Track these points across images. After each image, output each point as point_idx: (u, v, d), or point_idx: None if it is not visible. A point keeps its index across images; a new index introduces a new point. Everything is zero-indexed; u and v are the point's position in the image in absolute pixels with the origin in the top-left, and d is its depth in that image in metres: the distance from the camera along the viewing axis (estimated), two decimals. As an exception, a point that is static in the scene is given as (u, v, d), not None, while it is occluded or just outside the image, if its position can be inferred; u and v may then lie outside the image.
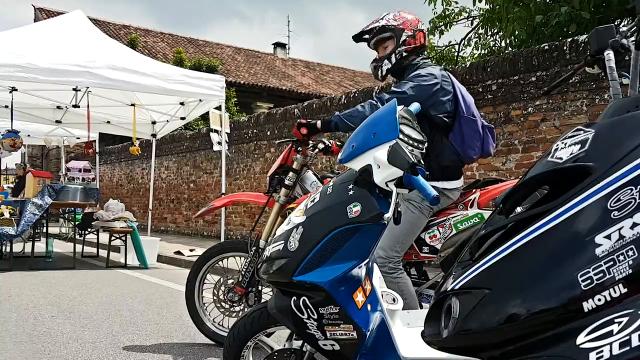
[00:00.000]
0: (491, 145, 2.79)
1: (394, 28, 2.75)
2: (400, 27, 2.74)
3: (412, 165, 1.47)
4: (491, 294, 1.09)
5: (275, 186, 3.11)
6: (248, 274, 3.14)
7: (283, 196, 3.03)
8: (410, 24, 2.76)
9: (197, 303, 3.38)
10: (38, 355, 3.05)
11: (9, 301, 4.60)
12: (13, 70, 5.97)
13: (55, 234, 10.64)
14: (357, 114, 2.59)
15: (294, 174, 3.01)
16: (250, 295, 3.17)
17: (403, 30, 2.75)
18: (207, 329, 3.37)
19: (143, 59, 7.60)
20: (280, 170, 3.09)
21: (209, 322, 3.39)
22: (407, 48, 2.75)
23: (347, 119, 2.61)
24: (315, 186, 3.03)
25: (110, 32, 18.83)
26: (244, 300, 3.19)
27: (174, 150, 12.62)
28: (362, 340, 1.62)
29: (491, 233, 1.18)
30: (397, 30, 2.74)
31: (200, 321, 3.38)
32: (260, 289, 3.24)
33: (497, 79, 5.80)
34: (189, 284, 3.40)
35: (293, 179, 3.02)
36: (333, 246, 1.62)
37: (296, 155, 3.00)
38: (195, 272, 3.39)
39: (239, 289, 3.16)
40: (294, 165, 3.01)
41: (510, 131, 5.70)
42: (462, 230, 2.64)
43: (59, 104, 8.45)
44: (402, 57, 2.76)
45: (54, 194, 6.84)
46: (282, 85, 21.37)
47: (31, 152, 21.23)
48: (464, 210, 2.66)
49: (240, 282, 3.16)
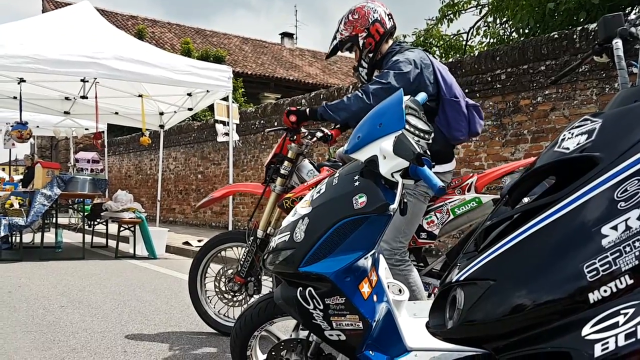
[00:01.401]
0: (478, 125, 2.74)
1: (349, 37, 2.77)
2: (354, 34, 2.76)
3: (418, 156, 1.47)
4: (496, 285, 1.08)
5: (271, 176, 3.10)
6: (247, 264, 3.16)
7: (279, 185, 3.03)
8: (360, 23, 2.75)
9: (200, 294, 3.41)
10: (47, 344, 3.09)
11: (18, 291, 4.65)
12: (21, 62, 5.99)
13: (65, 224, 10.73)
14: (343, 106, 2.59)
15: (289, 163, 3.01)
16: (249, 284, 3.21)
17: (357, 35, 2.76)
18: (210, 320, 3.40)
19: (150, 50, 7.60)
20: (275, 160, 3.08)
21: (211, 312, 3.42)
22: (370, 48, 2.76)
23: (332, 110, 2.62)
24: (312, 175, 3.02)
25: (117, 23, 18.85)
26: (244, 290, 3.23)
27: (182, 141, 12.65)
28: (368, 330, 1.62)
29: (497, 224, 1.17)
30: (352, 38, 2.77)
31: (204, 311, 3.41)
32: (260, 278, 3.27)
33: (506, 68, 5.75)
34: (191, 275, 3.42)
35: (288, 168, 3.01)
36: (339, 237, 1.62)
37: (291, 144, 2.99)
38: (196, 264, 3.41)
39: (238, 278, 3.19)
40: (289, 155, 3.01)
41: (519, 121, 5.66)
42: (460, 214, 2.65)
43: (67, 95, 8.48)
44: (372, 57, 2.78)
45: (63, 184, 6.88)
46: (290, 75, 21.32)
47: (40, 143, 21.36)
48: (461, 194, 2.67)
49: (239, 272, 3.18)
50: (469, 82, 6.09)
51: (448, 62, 6.49)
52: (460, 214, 2.64)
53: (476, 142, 6.05)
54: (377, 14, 2.76)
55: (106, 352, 2.95)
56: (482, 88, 5.98)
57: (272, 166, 3.10)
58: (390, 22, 2.80)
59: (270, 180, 3.11)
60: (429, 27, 11.26)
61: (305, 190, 2.92)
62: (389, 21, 2.79)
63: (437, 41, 11.28)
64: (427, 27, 11.29)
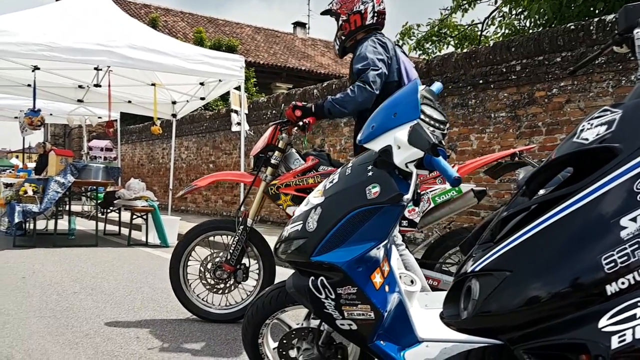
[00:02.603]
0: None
1: (334, 12, 2.98)
2: (338, 12, 2.96)
3: (433, 146, 1.45)
4: (512, 276, 1.08)
5: (261, 165, 3.19)
6: (236, 252, 3.22)
7: (269, 175, 3.14)
8: (346, 7, 2.94)
9: (182, 279, 3.40)
10: (61, 330, 3.13)
11: (32, 277, 4.71)
12: (35, 49, 6.03)
13: (78, 212, 10.84)
14: (349, 99, 2.72)
15: (280, 153, 3.13)
16: (238, 272, 3.27)
17: (340, 15, 2.96)
18: (191, 305, 3.41)
19: (163, 39, 7.60)
20: (265, 150, 3.17)
21: (192, 297, 3.43)
22: (344, 32, 2.97)
23: (339, 104, 2.75)
24: (299, 164, 3.14)
25: (131, 12, 18.88)
26: (232, 277, 3.29)
27: (194, 131, 12.68)
28: (380, 320, 1.62)
29: (514, 215, 1.16)
30: (335, 14, 2.98)
31: (184, 296, 3.41)
32: (248, 267, 3.33)
33: (522, 59, 5.68)
34: (174, 260, 3.39)
35: (279, 157, 3.13)
36: (351, 227, 1.62)
37: (282, 135, 3.11)
38: (180, 250, 3.40)
39: (227, 266, 3.24)
40: (280, 145, 3.12)
41: (534, 113, 5.60)
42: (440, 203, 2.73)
43: (80, 83, 8.51)
44: (343, 40, 2.99)
45: (77, 172, 6.94)
46: (302, 65, 21.25)
47: (53, 131, 21.53)
48: (442, 184, 2.73)
49: (229, 260, 3.23)
50: (484, 72, 6.03)
51: (462, 52, 6.43)
52: (441, 203, 2.73)
53: (490, 133, 6.00)
54: (363, 6, 2.93)
55: (119, 338, 2.99)
56: (496, 79, 5.92)
57: (262, 156, 3.19)
58: (373, 20, 2.94)
59: (259, 169, 3.20)
60: (443, 17, 11.16)
61: (291, 178, 3.06)
62: (372, 18, 2.94)
63: (451, 31, 11.18)
64: (441, 17, 11.20)
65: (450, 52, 6.71)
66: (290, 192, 3.05)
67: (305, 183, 3.02)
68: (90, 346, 2.83)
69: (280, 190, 3.07)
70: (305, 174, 3.06)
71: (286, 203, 3.06)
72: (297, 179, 3.05)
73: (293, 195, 3.04)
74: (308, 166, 3.10)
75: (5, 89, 8.46)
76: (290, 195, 3.05)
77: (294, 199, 3.02)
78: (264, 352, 2.10)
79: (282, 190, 3.06)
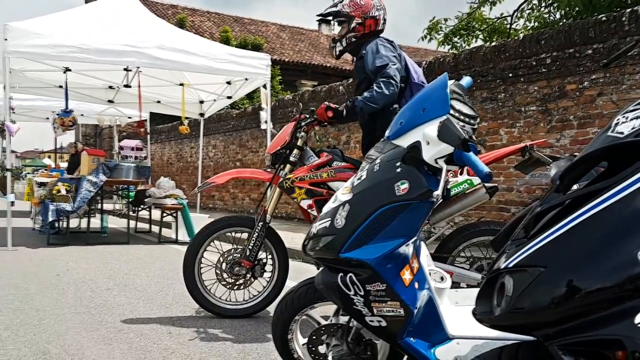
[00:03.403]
0: None
1: (347, 14, 3.11)
2: (352, 15, 3.09)
3: (464, 141, 1.44)
4: (546, 272, 1.06)
5: (279, 163, 3.27)
6: (255, 248, 3.27)
7: (288, 172, 3.21)
8: (362, 11, 3.10)
9: (197, 277, 3.41)
10: (95, 325, 3.20)
11: (67, 274, 4.82)
12: (67, 51, 6.18)
13: (110, 210, 11.05)
14: (379, 95, 2.90)
15: (298, 150, 3.22)
16: (256, 268, 3.32)
17: (353, 18, 3.10)
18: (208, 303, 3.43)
19: (191, 38, 7.70)
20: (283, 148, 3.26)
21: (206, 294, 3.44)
22: (356, 34, 3.13)
23: (370, 101, 2.92)
24: (313, 160, 3.23)
25: (158, 12, 19.12)
26: (251, 273, 3.33)
27: (221, 129, 12.81)
28: (409, 317, 1.61)
29: (547, 210, 1.14)
30: (348, 16, 3.11)
31: (199, 292, 3.42)
32: (265, 263, 3.38)
33: (552, 52, 5.57)
34: (188, 257, 3.39)
35: (297, 155, 3.23)
36: (380, 224, 1.61)
37: (301, 133, 3.21)
38: (197, 246, 3.41)
39: (246, 262, 3.28)
40: (299, 143, 3.22)
41: (565, 106, 5.49)
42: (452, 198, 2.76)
43: (111, 83, 8.68)
44: (351, 42, 3.15)
45: (108, 171, 7.07)
46: (327, 62, 21.23)
47: (85, 131, 21.99)
48: (453, 177, 2.73)
49: (247, 255, 3.28)
50: (513, 66, 5.94)
51: (491, 45, 6.33)
52: (453, 196, 2.74)
53: (520, 127, 5.91)
54: (378, 13, 3.16)
55: (151, 334, 3.04)
56: (526, 72, 5.82)
57: (282, 152, 3.27)
58: (381, 27, 3.19)
59: (277, 167, 3.28)
60: (471, 10, 11.02)
61: (305, 172, 3.15)
62: (382, 25, 3.19)
63: (479, 25, 11.03)
64: (470, 11, 11.05)
65: (479, 46, 6.62)
66: (304, 185, 3.13)
67: (319, 177, 3.11)
68: (124, 341, 2.89)
69: (294, 184, 3.14)
70: (319, 169, 3.15)
71: (300, 196, 3.13)
72: (312, 173, 3.14)
73: (307, 189, 3.12)
74: (322, 161, 3.20)
75: (38, 91, 8.69)
76: (304, 188, 3.13)
77: (308, 193, 3.12)
78: (294, 347, 2.11)
79: (297, 184, 3.14)
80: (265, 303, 3.44)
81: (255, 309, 3.43)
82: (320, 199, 3.11)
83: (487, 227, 2.88)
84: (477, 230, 2.88)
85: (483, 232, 2.86)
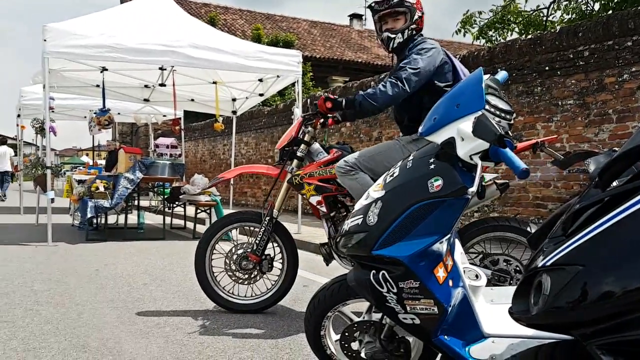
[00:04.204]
0: None
1: (410, 6, 2.94)
2: (414, 7, 2.95)
3: (499, 137, 1.41)
4: (585, 271, 1.04)
5: (286, 158, 3.28)
6: (262, 242, 3.30)
7: (295, 167, 3.23)
8: (420, 5, 2.98)
9: (207, 271, 3.45)
10: (133, 319, 3.28)
11: (105, 269, 4.95)
12: (104, 51, 6.31)
13: (146, 206, 11.28)
14: (380, 94, 2.80)
15: (305, 146, 3.23)
16: (264, 262, 3.34)
17: (416, 10, 2.96)
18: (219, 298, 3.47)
19: (223, 37, 7.78)
20: (291, 143, 3.27)
21: (217, 289, 3.48)
22: (416, 28, 2.98)
23: (370, 98, 2.81)
24: (322, 157, 3.24)
25: (191, 11, 19.39)
26: (258, 268, 3.35)
27: (253, 127, 12.91)
28: (444, 315, 1.59)
29: (586, 207, 1.11)
30: (412, 8, 2.95)
31: (210, 287, 3.46)
32: (273, 257, 3.39)
33: (590, 44, 5.42)
34: (199, 252, 3.44)
35: (305, 151, 3.23)
36: (413, 221, 1.60)
37: (308, 128, 3.21)
38: (206, 241, 3.44)
39: (253, 257, 3.31)
40: (306, 138, 3.23)
41: (604, 100, 5.33)
42: None
43: (146, 82, 8.84)
44: (410, 35, 2.97)
45: (145, 169, 7.21)
46: (358, 57, 21.15)
47: (121, 130, 22.47)
48: None
49: (254, 250, 3.30)
50: (550, 59, 5.80)
51: (527, 38, 6.20)
52: None
53: (557, 122, 5.77)
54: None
55: (188, 328, 3.10)
56: (563, 65, 5.68)
57: (288, 149, 3.28)
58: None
59: (284, 162, 3.29)
60: (506, 2, 10.79)
61: (315, 168, 3.17)
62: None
63: (515, 17, 10.79)
64: (505, 3, 10.83)
65: (514, 39, 6.49)
66: (313, 181, 3.14)
67: (328, 174, 3.12)
68: (161, 335, 2.95)
69: (304, 180, 3.16)
70: (328, 165, 3.16)
71: (309, 192, 3.15)
72: (321, 170, 3.15)
73: (316, 185, 3.13)
74: (331, 158, 3.21)
75: (76, 90, 8.91)
76: (313, 185, 3.14)
77: (317, 189, 3.13)
78: (326, 343, 2.12)
79: (306, 180, 3.15)
80: (275, 298, 3.45)
81: (265, 304, 3.45)
82: (329, 195, 3.14)
83: (495, 222, 2.82)
84: (487, 226, 2.82)
85: (492, 227, 2.80)
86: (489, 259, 2.70)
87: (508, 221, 2.82)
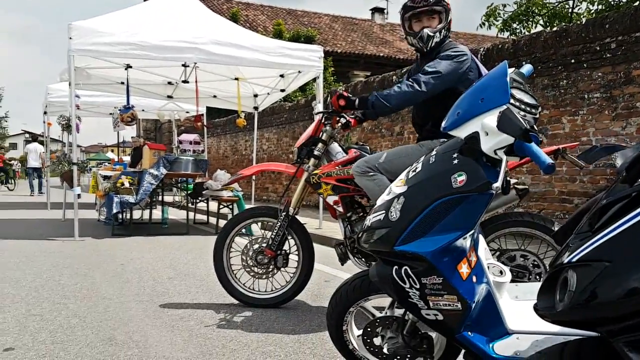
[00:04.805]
0: None
1: (446, 5, 2.91)
2: (448, 8, 2.92)
3: (525, 132, 1.39)
4: (612, 267, 1.02)
5: (304, 156, 3.30)
6: (278, 238, 3.33)
7: (312, 166, 3.25)
8: (450, 8, 2.93)
9: (225, 266, 3.49)
10: (158, 313, 3.33)
11: (130, 264, 5.03)
12: (128, 48, 6.40)
13: (170, 202, 11.42)
14: (395, 94, 2.77)
15: (322, 145, 3.24)
16: (279, 257, 3.37)
17: (450, 11, 2.93)
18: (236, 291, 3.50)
19: (245, 33, 7.80)
20: (309, 142, 3.29)
21: (235, 283, 3.51)
22: (448, 26, 2.93)
23: (384, 98, 2.78)
24: (341, 156, 3.26)
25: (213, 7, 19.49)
26: (273, 262, 3.39)
27: (274, 122, 12.95)
28: (467, 311, 1.58)
29: (613, 203, 1.09)
30: (447, 8, 2.91)
31: (228, 281, 3.50)
32: (288, 252, 3.42)
33: (617, 36, 5.30)
34: (217, 247, 3.49)
35: (322, 149, 3.25)
36: (436, 216, 1.58)
37: (326, 128, 3.22)
38: (224, 236, 3.49)
39: (268, 251, 3.35)
40: (323, 137, 3.24)
41: (631, 93, 5.22)
42: None
43: (169, 79, 8.93)
44: (445, 36, 2.93)
45: (168, 165, 7.30)
46: (380, 52, 21.04)
47: (145, 126, 22.78)
48: None
49: (270, 245, 3.34)
50: (576, 51, 5.69)
51: (552, 31, 6.09)
52: None
53: (583, 115, 5.66)
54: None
55: (211, 321, 3.13)
56: (589, 58, 5.57)
57: (305, 148, 3.30)
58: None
59: (302, 161, 3.31)
60: (531, -6, 10.62)
61: (332, 168, 3.19)
62: None
63: (539, 10, 10.62)
64: (529, -5, 10.66)
65: (539, 31, 6.38)
66: (331, 181, 3.15)
67: (345, 174, 3.12)
68: (186, 329, 2.99)
69: (321, 180, 3.18)
70: (347, 166, 3.16)
71: (326, 192, 3.16)
72: (339, 170, 3.16)
73: (333, 185, 3.14)
74: (350, 158, 3.22)
75: (100, 87, 9.04)
76: (330, 184, 3.15)
77: (334, 189, 3.14)
78: (349, 338, 2.12)
79: (324, 180, 3.17)
80: (291, 293, 3.47)
81: (282, 298, 3.48)
82: (346, 196, 3.15)
83: (510, 218, 2.79)
84: (504, 221, 2.79)
85: (510, 223, 2.77)
86: (505, 256, 2.67)
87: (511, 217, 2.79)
